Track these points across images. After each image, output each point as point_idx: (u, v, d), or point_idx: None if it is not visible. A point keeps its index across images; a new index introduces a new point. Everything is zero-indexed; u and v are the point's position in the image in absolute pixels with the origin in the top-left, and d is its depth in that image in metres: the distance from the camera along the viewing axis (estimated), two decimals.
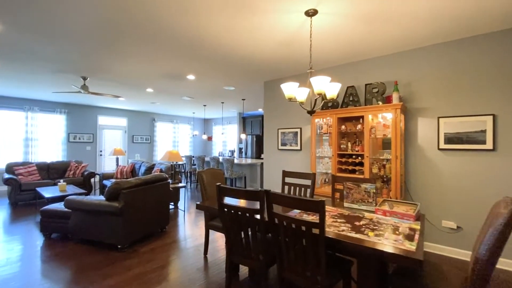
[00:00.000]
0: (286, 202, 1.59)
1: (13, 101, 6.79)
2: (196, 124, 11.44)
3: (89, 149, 8.21)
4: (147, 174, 5.61)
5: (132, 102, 7.61)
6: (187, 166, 7.72)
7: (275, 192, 1.69)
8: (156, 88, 5.70)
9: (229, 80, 4.96)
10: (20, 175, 5.38)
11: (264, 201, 1.77)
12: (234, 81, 4.99)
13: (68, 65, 4.10)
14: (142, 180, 3.43)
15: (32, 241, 3.38)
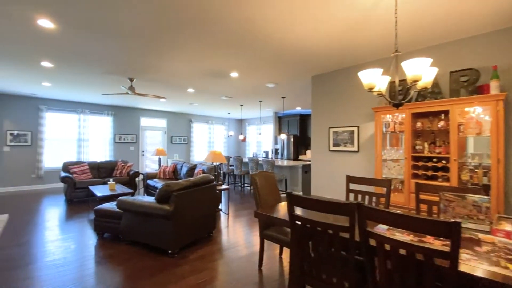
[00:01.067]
0: (397, 222, 1.22)
1: (68, 104, 7.25)
2: (231, 124, 11.38)
3: (132, 149, 8.52)
4: (189, 174, 5.56)
5: (172, 103, 7.71)
6: (224, 167, 7.60)
7: (371, 207, 1.33)
8: (197, 88, 5.62)
9: (272, 77, 4.67)
10: (74, 174, 5.66)
11: (355, 216, 1.42)
12: (278, 77, 4.69)
13: (117, 66, 4.13)
14: (191, 182, 3.28)
15: (86, 240, 3.41)
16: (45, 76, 4.74)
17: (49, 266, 2.68)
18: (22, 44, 3.24)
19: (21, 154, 6.60)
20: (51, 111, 7.02)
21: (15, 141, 6.51)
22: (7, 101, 6.42)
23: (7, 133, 6.41)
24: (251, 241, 3.44)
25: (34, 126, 6.76)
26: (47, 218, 4.31)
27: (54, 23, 2.69)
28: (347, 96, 3.93)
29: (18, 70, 4.36)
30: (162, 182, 5.45)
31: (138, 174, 6.29)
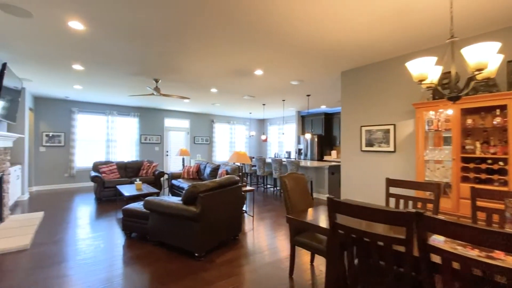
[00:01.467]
0: (477, 238, 1.01)
1: (97, 106, 7.55)
2: (252, 124, 11.29)
3: (157, 149, 8.70)
4: (213, 175, 5.52)
5: (195, 104, 7.76)
6: (247, 168, 7.50)
7: (435, 217, 1.13)
8: (220, 88, 5.57)
9: (298, 74, 4.48)
10: (103, 173, 5.84)
11: (412, 227, 1.23)
12: (304, 74, 4.50)
13: (143, 67, 4.17)
14: (217, 183, 3.19)
15: (114, 239, 3.45)
16: (76, 79, 4.92)
17: (80, 265, 2.71)
18: (55, 46, 3.34)
19: (55, 154, 6.96)
20: (82, 113, 7.34)
21: (50, 142, 6.88)
22: (43, 104, 6.80)
23: (42, 134, 6.78)
24: (278, 245, 3.29)
25: (67, 128, 7.10)
26: (78, 216, 4.46)
27: (84, 24, 2.73)
28: (382, 92, 3.65)
29: (52, 73, 4.55)
30: (186, 182, 5.47)
31: (163, 174, 6.38)
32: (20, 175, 5.48)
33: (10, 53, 3.57)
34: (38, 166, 6.73)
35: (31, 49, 3.42)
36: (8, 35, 2.97)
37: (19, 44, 3.25)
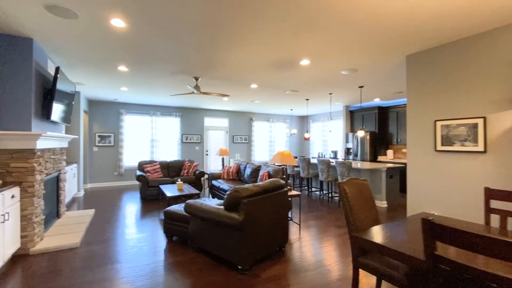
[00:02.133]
0: None
1: (142, 107, 7.85)
2: (293, 122, 10.78)
3: (197, 149, 8.77)
4: (253, 176, 5.22)
5: (234, 102, 7.58)
6: (289, 169, 7.06)
7: None
8: (260, 83, 5.24)
9: (351, 61, 3.92)
10: (148, 173, 5.97)
11: None
12: (358, 61, 3.92)
13: (184, 65, 4.04)
14: (261, 187, 2.86)
15: (156, 242, 3.35)
16: (122, 81, 5.05)
17: (124, 269, 2.62)
18: (100, 47, 3.35)
19: (106, 154, 7.40)
20: (129, 114, 7.69)
21: (101, 142, 7.33)
22: (95, 107, 7.27)
23: (95, 135, 7.26)
24: (331, 262, 2.82)
25: (115, 128, 7.50)
26: (124, 215, 4.54)
27: (125, 21, 2.62)
28: (465, 78, 2.92)
29: (100, 76, 4.71)
30: (226, 183, 5.27)
31: (203, 174, 6.30)
32: (76, 173, 5.87)
33: (61, 57, 3.71)
34: (92, 165, 7.23)
35: (79, 52, 3.48)
36: (58, 38, 3.03)
37: (68, 47, 3.32)
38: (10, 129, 2.91)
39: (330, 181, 5.73)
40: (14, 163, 2.90)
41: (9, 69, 2.93)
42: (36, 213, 3.04)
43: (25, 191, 2.95)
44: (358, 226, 2.08)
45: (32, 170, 2.98)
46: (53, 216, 3.95)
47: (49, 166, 3.57)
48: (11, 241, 2.67)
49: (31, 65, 3.03)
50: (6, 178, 2.87)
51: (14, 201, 2.75)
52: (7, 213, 2.55)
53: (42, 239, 3.25)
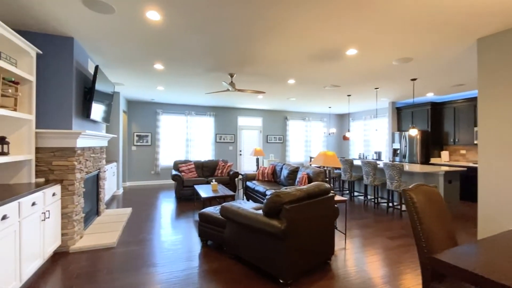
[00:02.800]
0: None
1: (178, 107, 7.95)
2: (331, 120, 10.15)
3: (231, 149, 8.65)
4: (290, 178, 4.86)
5: (268, 100, 7.29)
6: None
7: None
8: (299, 77, 4.86)
9: (406, 49, 3.37)
10: (182, 172, 5.95)
11: None
12: (415, 48, 3.35)
13: (218, 60, 3.84)
14: (305, 192, 2.50)
15: (191, 245, 3.18)
16: (158, 80, 5.05)
17: (159, 274, 2.46)
18: (136, 44, 3.28)
19: (144, 153, 7.61)
20: (165, 114, 7.84)
21: (140, 141, 7.56)
22: (134, 107, 7.52)
23: (134, 134, 7.51)
24: (389, 281, 2.36)
25: (152, 128, 7.69)
26: (160, 215, 4.50)
27: (160, 13, 2.47)
28: None
29: (138, 75, 4.74)
30: (261, 185, 4.98)
31: (237, 174, 6.11)
32: (116, 171, 6.07)
33: (100, 56, 3.75)
34: (130, 164, 7.48)
35: (116, 50, 3.47)
36: (96, 36, 3.01)
37: (105, 45, 3.31)
38: (52, 127, 2.96)
39: (376, 185, 5.14)
40: (56, 161, 2.94)
41: (51, 68, 2.98)
42: (76, 211, 3.06)
43: (66, 189, 2.97)
44: (432, 245, 1.64)
45: (73, 168, 2.99)
46: (93, 214, 4.02)
47: (89, 164, 3.61)
48: (52, 238, 2.68)
49: (72, 64, 3.05)
50: (49, 176, 2.91)
51: (55, 199, 2.76)
52: (47, 211, 2.55)
53: (82, 237, 3.27)
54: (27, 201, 2.18)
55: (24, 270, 2.13)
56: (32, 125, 2.71)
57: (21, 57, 2.62)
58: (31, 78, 2.68)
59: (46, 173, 2.90)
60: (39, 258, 2.41)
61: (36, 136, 2.82)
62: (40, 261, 2.44)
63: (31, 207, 2.25)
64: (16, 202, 2.04)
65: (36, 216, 2.34)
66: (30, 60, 2.69)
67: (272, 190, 4.49)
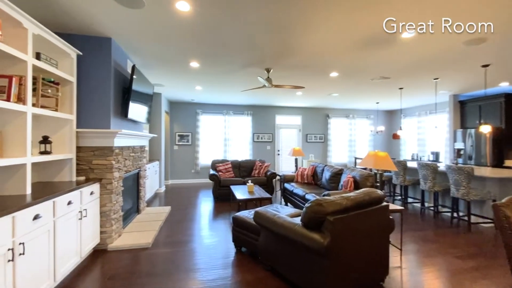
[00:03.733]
0: None
1: (216, 107, 7.97)
2: (379, 117, 9.18)
3: (269, 148, 8.38)
4: (334, 182, 4.37)
5: (308, 97, 6.82)
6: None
7: None
8: (343, 70, 4.34)
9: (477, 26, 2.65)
10: (220, 172, 5.87)
11: None
12: (491, 22, 2.61)
13: (253, 54, 3.58)
14: (352, 200, 2.08)
15: (226, 251, 2.99)
16: (195, 79, 5.02)
17: (189, 280, 2.31)
18: (168, 39, 3.21)
19: (185, 152, 7.79)
20: (204, 114, 7.92)
21: (181, 141, 7.76)
22: (175, 107, 7.75)
23: (176, 134, 7.73)
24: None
25: (193, 128, 7.83)
26: (197, 215, 4.43)
27: (190, 3, 2.30)
28: None
29: (176, 75, 4.76)
30: (300, 188, 4.59)
31: (275, 175, 5.80)
32: (158, 170, 6.27)
33: (137, 56, 3.79)
34: (172, 163, 7.72)
35: (151, 48, 3.45)
36: (130, 33, 3.00)
37: (140, 43, 3.31)
38: (92, 127, 3.03)
39: (436, 191, 4.38)
40: (95, 160, 3.00)
41: (91, 68, 3.05)
42: (114, 209, 3.09)
43: (105, 187, 3.01)
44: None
45: (111, 167, 3.03)
46: (133, 212, 4.12)
47: (129, 163, 3.68)
48: (90, 237, 2.73)
49: (110, 64, 3.09)
50: (89, 175, 2.98)
51: (93, 197, 2.81)
52: (85, 209, 2.58)
53: (121, 235, 3.32)
54: (62, 200, 2.20)
55: (59, 270, 2.15)
56: (73, 125, 2.79)
57: (62, 59, 2.71)
58: (72, 79, 2.76)
59: (87, 171, 2.98)
60: (75, 257, 2.44)
61: (77, 136, 2.91)
62: (77, 259, 2.47)
63: (67, 206, 2.27)
64: (51, 201, 2.06)
65: (72, 215, 2.37)
66: (71, 61, 2.77)
67: (313, 194, 4.07)
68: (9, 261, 1.59)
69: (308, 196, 4.08)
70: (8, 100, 1.92)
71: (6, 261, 1.57)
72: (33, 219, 1.82)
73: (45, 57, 2.39)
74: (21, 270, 1.70)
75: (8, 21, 1.95)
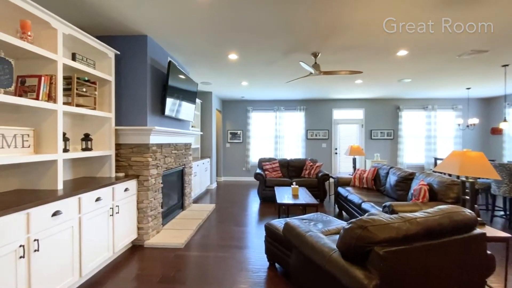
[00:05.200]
0: None
1: (266, 103, 7.66)
2: (471, 107, 7.25)
3: (324, 146, 7.60)
4: (401, 189, 3.48)
5: (371, 85, 5.80)
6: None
7: None
8: (415, 45, 3.39)
9: None
10: (266, 171, 5.53)
11: None
12: None
13: (295, 36, 3.07)
14: (419, 224, 1.41)
15: (259, 264, 2.63)
16: (238, 74, 4.79)
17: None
18: (201, 29, 3.00)
19: (236, 150, 7.75)
20: (255, 111, 7.70)
21: (233, 139, 7.75)
22: (228, 106, 7.77)
23: (228, 132, 7.75)
24: None
25: (243, 125, 7.71)
26: (239, 216, 4.20)
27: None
28: None
29: (217, 70, 4.62)
30: (356, 194, 3.84)
31: (328, 177, 5.11)
32: (209, 167, 6.35)
33: (177, 52, 3.75)
34: (225, 160, 7.78)
35: (186, 41, 3.33)
36: (163, 28, 2.91)
37: (175, 38, 3.21)
38: (130, 124, 3.07)
39: None
40: (134, 157, 3.04)
41: (129, 67, 3.09)
42: (151, 206, 3.09)
43: (142, 184, 3.03)
44: None
45: (147, 164, 3.02)
46: (178, 208, 4.16)
47: (170, 160, 3.68)
48: (124, 233, 2.75)
49: (146, 61, 3.09)
50: (128, 171, 3.04)
51: (128, 194, 2.83)
52: (117, 206, 2.60)
53: (159, 232, 3.33)
54: (89, 197, 2.21)
55: (86, 265, 2.16)
56: (112, 123, 2.87)
57: (100, 59, 2.79)
58: (110, 78, 2.82)
59: (126, 168, 3.05)
60: (107, 252, 2.46)
61: (118, 133, 2.99)
62: (109, 254, 2.49)
63: (95, 203, 2.28)
64: (76, 197, 2.07)
65: (102, 212, 2.38)
66: (109, 61, 2.84)
67: (371, 203, 3.31)
68: (21, 257, 1.59)
69: (365, 206, 3.34)
70: (37, 99, 1.98)
71: (17, 258, 1.57)
72: (51, 216, 1.82)
73: (81, 57, 2.46)
74: (37, 266, 1.70)
75: (38, 22, 2.02)
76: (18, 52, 1.92)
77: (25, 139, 2.01)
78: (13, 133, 1.92)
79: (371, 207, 3.21)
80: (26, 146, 2.02)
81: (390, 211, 2.67)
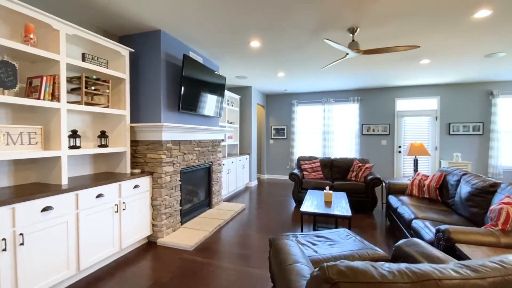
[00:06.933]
0: None
1: (313, 95, 6.95)
2: None
3: (384, 143, 6.43)
4: (475, 204, 2.49)
5: (443, 66, 4.50)
6: None
7: None
8: (501, 6, 2.33)
9: None
10: (305, 171, 4.97)
11: None
12: None
13: (323, 8, 2.49)
14: (479, 278, 0.80)
15: (262, 283, 2.24)
16: (269, 63, 4.38)
17: None
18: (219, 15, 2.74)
19: (280, 147, 7.33)
20: (300, 105, 7.10)
21: (277, 135, 7.36)
22: (271, 100, 7.39)
23: (271, 128, 7.40)
24: None
25: (288, 121, 7.21)
26: (268, 220, 3.84)
27: None
28: None
29: (243, 61, 4.31)
30: (410, 206, 2.98)
31: (379, 181, 4.21)
32: (247, 164, 6.15)
33: (199, 46, 3.60)
34: (268, 157, 7.47)
35: (203, 32, 3.13)
36: (176, 20, 2.77)
37: (190, 29, 3.04)
38: (145, 121, 3.08)
39: None
40: (149, 154, 3.05)
41: (143, 63, 3.09)
42: (165, 204, 3.05)
43: (156, 181, 3.01)
44: None
45: (160, 161, 2.98)
46: (204, 206, 4.08)
47: (191, 157, 3.60)
48: (134, 229, 2.77)
49: (160, 56, 3.02)
50: (144, 168, 3.07)
51: (139, 191, 2.83)
52: (123, 203, 2.61)
53: (175, 230, 3.28)
54: (88, 193, 2.24)
55: (84, 260, 2.21)
56: (127, 120, 2.91)
57: (115, 58, 2.84)
58: (124, 76, 2.85)
59: (142, 164, 3.08)
60: (111, 248, 2.49)
61: (134, 130, 3.04)
62: (114, 250, 2.52)
63: (96, 199, 2.31)
64: (73, 193, 2.11)
65: (104, 208, 2.41)
66: (123, 59, 2.88)
67: (427, 221, 2.47)
68: (3, 250, 1.66)
69: (416, 224, 2.52)
70: (39, 98, 2.08)
71: (0, 251, 1.64)
72: (41, 211, 1.87)
73: (90, 57, 2.53)
74: (24, 259, 1.77)
75: (41, 26, 2.11)
76: (22, 55, 2.04)
77: (32, 136, 2.15)
78: (19, 131, 2.06)
79: (423, 227, 2.39)
80: (33, 143, 2.15)
81: (445, 238, 1.88)
